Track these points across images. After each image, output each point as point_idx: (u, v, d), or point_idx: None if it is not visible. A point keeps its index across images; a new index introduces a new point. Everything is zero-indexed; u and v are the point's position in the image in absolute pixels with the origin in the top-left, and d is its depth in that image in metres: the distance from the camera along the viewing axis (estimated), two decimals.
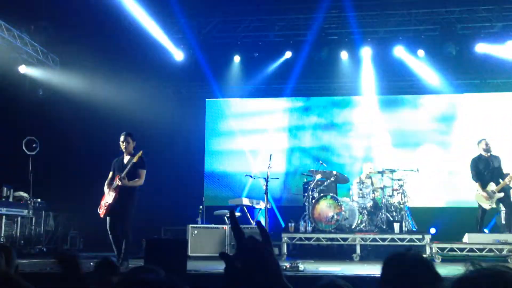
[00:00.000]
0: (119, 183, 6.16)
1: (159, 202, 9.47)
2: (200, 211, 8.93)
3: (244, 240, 1.29)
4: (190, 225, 8.20)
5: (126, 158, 6.39)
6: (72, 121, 9.85)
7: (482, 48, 10.09)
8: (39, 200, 9.03)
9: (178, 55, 10.52)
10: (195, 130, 11.11)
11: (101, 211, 6.27)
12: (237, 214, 8.84)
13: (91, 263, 6.52)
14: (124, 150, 6.37)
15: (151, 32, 9.64)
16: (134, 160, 6.18)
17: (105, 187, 6.39)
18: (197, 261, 7.45)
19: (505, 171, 8.06)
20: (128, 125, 9.75)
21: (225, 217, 8.68)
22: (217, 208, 9.42)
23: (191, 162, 10.89)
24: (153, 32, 9.69)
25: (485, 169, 8.12)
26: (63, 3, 8.43)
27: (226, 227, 8.28)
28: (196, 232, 8.07)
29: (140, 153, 6.26)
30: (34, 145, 8.72)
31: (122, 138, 6.38)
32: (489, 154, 8.16)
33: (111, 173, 6.44)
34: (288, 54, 10.63)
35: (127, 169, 6.17)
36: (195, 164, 11.02)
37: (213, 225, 8.48)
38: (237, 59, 10.84)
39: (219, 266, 5.93)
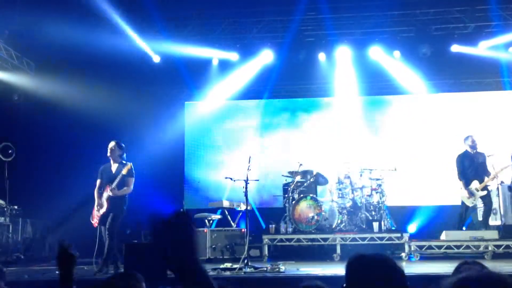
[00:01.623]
0: (111, 194, 6.26)
1: (139, 206, 9.39)
2: None
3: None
4: None
5: (114, 166, 6.48)
6: (48, 126, 9.72)
7: (456, 48, 10.31)
8: (16, 207, 8.87)
9: (155, 58, 10.48)
10: (174, 133, 11.04)
11: (95, 221, 6.38)
12: (218, 216, 8.84)
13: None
14: (110, 156, 6.44)
15: (127, 35, 9.58)
16: (124, 172, 6.27)
17: (95, 196, 6.44)
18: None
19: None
20: (105, 129, 9.69)
21: (206, 220, 8.67)
22: (198, 211, 9.40)
23: (171, 165, 10.83)
24: (130, 34, 9.63)
25: (470, 166, 8.24)
26: (37, 8, 8.31)
27: (207, 230, 8.27)
28: None
29: (129, 165, 6.35)
30: (10, 151, 8.58)
31: (111, 145, 6.45)
32: (475, 150, 8.28)
33: (98, 181, 6.50)
34: (266, 56, 10.67)
35: (117, 180, 6.25)
36: (174, 167, 10.97)
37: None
38: (215, 61, 10.84)
39: None
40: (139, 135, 10.11)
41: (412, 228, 9.61)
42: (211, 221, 8.68)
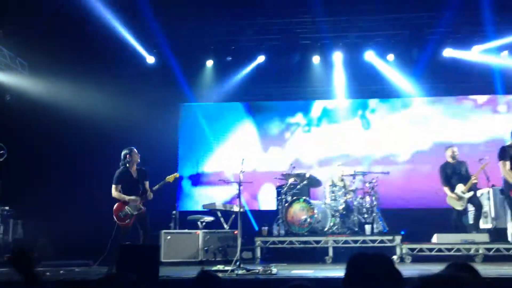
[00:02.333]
0: (150, 198, 6.95)
1: None
2: (174, 216, 8.89)
3: None
4: (163, 231, 8.16)
5: (134, 172, 7.01)
6: (41, 127, 9.68)
7: (449, 52, 10.39)
8: (7, 208, 8.83)
9: (149, 58, 10.47)
10: (168, 134, 11.01)
11: (127, 222, 6.78)
12: (211, 218, 8.83)
13: (61, 271, 6.47)
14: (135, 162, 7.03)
15: (121, 36, 9.56)
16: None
17: (126, 199, 6.83)
18: (170, 266, 7.41)
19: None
20: (98, 131, 9.67)
21: (199, 222, 8.66)
22: (191, 213, 9.40)
23: (164, 167, 10.77)
24: (124, 35, 9.61)
25: (452, 174, 8.39)
26: (31, 8, 8.29)
27: (199, 232, 8.27)
28: (169, 237, 8.03)
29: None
30: (2, 151, 8.53)
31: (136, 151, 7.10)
32: (455, 161, 8.43)
33: (119, 186, 6.88)
34: (261, 59, 10.70)
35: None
36: (168, 169, 10.91)
37: (186, 230, 8.45)
38: (209, 63, 10.85)
39: (192, 272, 5.92)
40: (133, 137, 10.04)
41: (404, 231, 9.63)
42: (204, 223, 8.67)
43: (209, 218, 8.82)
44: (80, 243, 8.28)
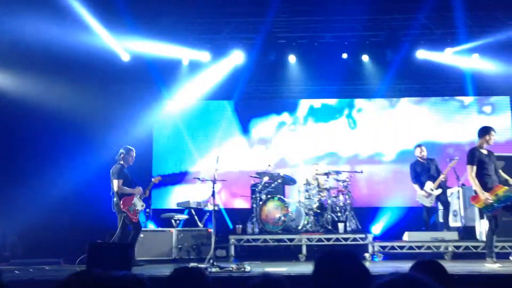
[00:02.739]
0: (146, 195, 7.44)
1: (104, 205, 9.27)
2: (147, 214, 8.83)
3: None
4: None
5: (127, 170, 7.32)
6: (9, 122, 9.47)
7: (422, 54, 10.58)
8: None
9: (124, 56, 10.35)
10: (143, 132, 10.87)
11: (137, 217, 7.11)
12: (185, 216, 8.80)
13: (30, 269, 6.36)
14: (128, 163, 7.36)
15: (96, 32, 9.42)
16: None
17: (132, 192, 7.17)
18: (143, 265, 7.36)
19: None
20: (72, 128, 9.52)
21: (173, 220, 8.62)
22: (165, 211, 9.34)
23: (138, 165, 10.68)
24: (99, 32, 9.47)
25: (422, 172, 8.59)
26: (2, 4, 8.09)
27: (173, 230, 8.23)
28: (142, 235, 7.96)
29: None
30: None
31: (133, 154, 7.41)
32: (424, 160, 8.63)
33: (121, 181, 7.13)
34: (237, 57, 10.69)
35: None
36: (142, 167, 10.82)
37: (160, 228, 8.40)
38: (185, 61, 10.79)
39: (165, 270, 5.89)
40: (107, 134, 9.94)
41: (376, 229, 9.79)
42: (177, 221, 8.64)
43: (183, 216, 8.78)
44: (50, 242, 8.15)
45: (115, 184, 6.99)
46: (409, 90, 11.14)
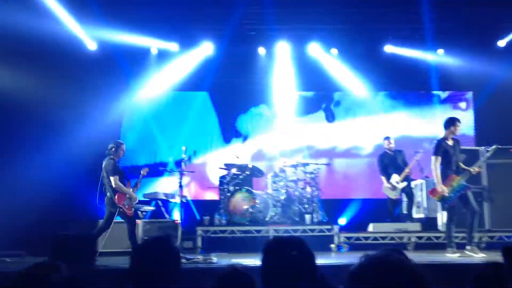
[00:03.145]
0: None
1: (70, 197, 9.11)
2: None
3: None
4: (101, 220, 7.95)
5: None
6: None
7: (389, 49, 10.76)
8: None
9: (91, 44, 10.11)
10: (110, 125, 10.65)
11: (131, 211, 7.09)
12: (151, 208, 8.73)
13: None
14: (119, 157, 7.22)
15: (61, 19, 9.16)
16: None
17: (127, 192, 7.05)
18: (109, 256, 7.26)
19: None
20: (36, 119, 9.26)
21: (139, 211, 8.52)
22: None
23: (105, 156, 10.49)
24: (64, 19, 9.21)
25: (389, 163, 8.80)
26: None
27: (140, 222, 8.14)
28: None
29: None
30: None
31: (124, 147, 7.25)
32: (392, 151, 8.83)
33: (117, 177, 6.98)
34: (207, 48, 10.61)
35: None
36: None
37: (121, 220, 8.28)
38: (154, 50, 10.64)
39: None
40: (72, 125, 9.74)
41: (342, 220, 9.95)
42: (144, 213, 8.55)
43: (149, 208, 8.70)
44: (13, 234, 7.94)
45: (113, 180, 6.90)
46: (376, 84, 11.26)
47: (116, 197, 6.93)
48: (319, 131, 11.18)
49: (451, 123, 6.94)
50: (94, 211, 8.88)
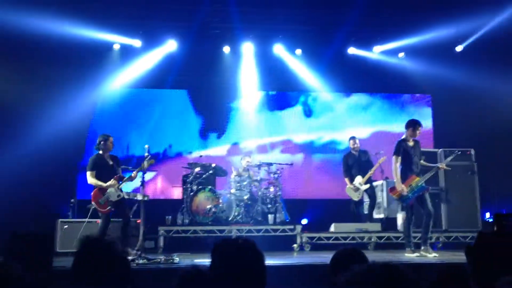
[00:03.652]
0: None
1: (26, 195, 8.81)
2: (72, 204, 8.48)
3: None
4: (60, 220, 7.76)
5: (108, 159, 6.97)
6: None
7: (352, 51, 10.94)
8: None
9: (53, 38, 9.78)
10: (71, 119, 10.17)
11: (108, 209, 6.79)
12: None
13: None
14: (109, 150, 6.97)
15: (22, 13, 8.83)
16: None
17: (103, 185, 6.79)
18: (67, 257, 7.07)
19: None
20: None
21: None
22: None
23: (65, 154, 10.20)
24: (24, 12, 8.89)
25: (353, 164, 8.91)
26: None
27: (100, 221, 7.95)
28: (66, 226, 7.64)
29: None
30: None
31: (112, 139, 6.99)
32: (357, 151, 8.96)
33: (94, 172, 6.76)
34: (170, 45, 10.49)
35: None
36: (68, 156, 10.35)
37: (85, 219, 8.08)
38: (116, 46, 10.44)
39: None
40: (32, 121, 9.43)
41: (304, 220, 10.03)
42: None
43: None
44: None
45: (88, 176, 6.82)
46: (339, 86, 11.39)
47: (92, 193, 6.81)
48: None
49: (412, 125, 7.14)
50: (57, 209, 8.66)
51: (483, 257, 2.13)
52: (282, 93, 11.43)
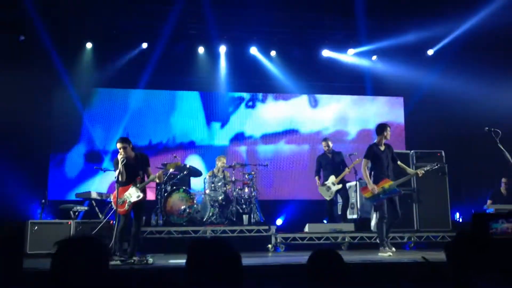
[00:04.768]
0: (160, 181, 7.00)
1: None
2: (42, 205, 8.31)
3: None
4: (30, 221, 7.59)
5: (132, 158, 6.54)
6: None
7: (326, 53, 11.05)
8: None
9: (19, 33, 9.60)
10: (41, 119, 10.13)
11: (125, 209, 6.42)
12: (85, 208, 8.42)
13: None
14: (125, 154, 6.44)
15: None
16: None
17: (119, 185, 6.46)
18: (37, 258, 6.92)
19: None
20: None
21: (71, 212, 8.19)
22: (64, 202, 8.88)
23: (35, 153, 10.00)
24: None
25: (326, 165, 9.00)
26: None
27: (71, 222, 7.83)
28: (36, 228, 7.48)
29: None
30: None
31: (120, 145, 6.42)
32: (330, 154, 9.05)
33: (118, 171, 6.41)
34: (143, 45, 10.39)
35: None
36: (39, 155, 10.15)
37: (56, 220, 7.95)
38: (89, 45, 10.29)
39: None
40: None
41: (279, 221, 10.07)
42: (77, 213, 8.22)
43: (82, 208, 8.39)
44: None
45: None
46: (313, 88, 11.48)
47: (114, 192, 6.60)
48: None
49: (382, 129, 7.28)
50: (23, 211, 8.48)
51: (460, 255, 2.21)
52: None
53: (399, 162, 7.41)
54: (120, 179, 6.44)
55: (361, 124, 11.52)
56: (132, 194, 6.45)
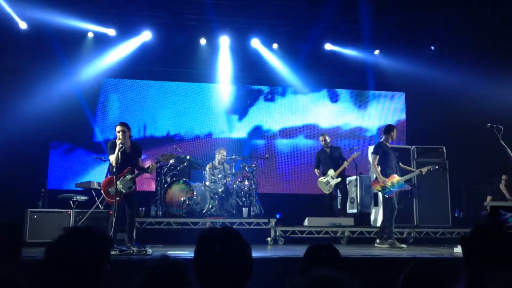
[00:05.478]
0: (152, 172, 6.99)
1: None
2: (42, 194, 8.31)
3: None
4: (29, 209, 7.59)
5: (128, 147, 6.43)
6: None
7: (329, 47, 10.99)
8: None
9: (21, 24, 9.55)
10: (42, 109, 10.02)
11: (117, 199, 6.22)
12: (84, 198, 8.41)
13: None
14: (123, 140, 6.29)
15: None
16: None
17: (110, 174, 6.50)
18: (36, 247, 6.92)
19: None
20: None
21: (71, 201, 8.19)
22: (63, 191, 8.87)
23: (35, 142, 9.99)
24: None
25: (325, 159, 8.99)
26: None
27: (71, 211, 7.83)
28: (36, 216, 7.48)
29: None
30: None
31: (120, 128, 6.33)
32: (328, 149, 9.03)
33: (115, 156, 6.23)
34: (145, 35, 10.34)
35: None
36: (39, 145, 10.14)
37: (56, 209, 7.94)
38: (90, 34, 10.24)
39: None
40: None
41: (279, 214, 10.05)
42: (76, 202, 8.22)
43: (82, 197, 8.38)
44: None
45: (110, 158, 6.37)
46: (316, 81, 11.43)
47: (104, 181, 6.56)
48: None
49: (390, 129, 7.65)
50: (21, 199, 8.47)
51: (477, 248, 2.19)
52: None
53: (400, 164, 7.68)
54: (113, 165, 6.29)
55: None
56: (124, 186, 6.37)
